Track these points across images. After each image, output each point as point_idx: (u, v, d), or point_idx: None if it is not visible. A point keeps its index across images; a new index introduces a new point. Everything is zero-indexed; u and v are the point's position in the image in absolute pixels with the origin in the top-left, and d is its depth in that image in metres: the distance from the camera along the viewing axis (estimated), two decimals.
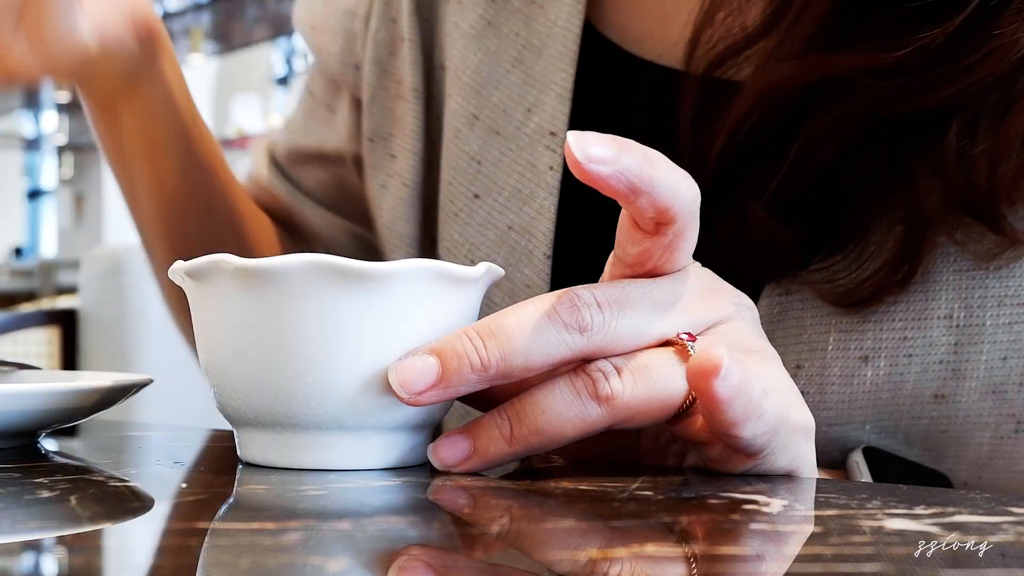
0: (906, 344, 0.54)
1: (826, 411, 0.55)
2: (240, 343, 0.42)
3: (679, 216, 0.41)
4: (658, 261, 0.42)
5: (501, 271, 0.45)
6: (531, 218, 0.63)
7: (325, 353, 0.41)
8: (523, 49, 0.65)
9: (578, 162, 0.39)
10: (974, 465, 0.55)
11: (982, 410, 0.54)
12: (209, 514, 0.37)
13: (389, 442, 0.43)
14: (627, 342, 0.41)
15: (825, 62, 0.53)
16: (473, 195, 0.65)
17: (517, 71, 0.65)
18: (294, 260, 0.41)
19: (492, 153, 0.65)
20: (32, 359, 1.51)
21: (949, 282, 0.54)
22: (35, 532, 0.34)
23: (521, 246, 0.63)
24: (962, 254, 0.54)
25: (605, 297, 0.41)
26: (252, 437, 0.44)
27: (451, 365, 0.40)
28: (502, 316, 0.41)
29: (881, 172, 0.54)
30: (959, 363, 0.54)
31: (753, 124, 0.55)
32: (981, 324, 0.54)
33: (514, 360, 0.40)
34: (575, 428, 0.41)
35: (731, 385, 0.38)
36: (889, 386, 0.54)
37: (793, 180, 0.55)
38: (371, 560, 0.31)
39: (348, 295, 0.41)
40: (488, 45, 0.66)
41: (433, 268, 0.42)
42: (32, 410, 0.47)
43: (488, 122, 0.65)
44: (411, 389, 0.40)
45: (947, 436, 0.55)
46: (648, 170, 0.39)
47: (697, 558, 0.31)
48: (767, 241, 0.55)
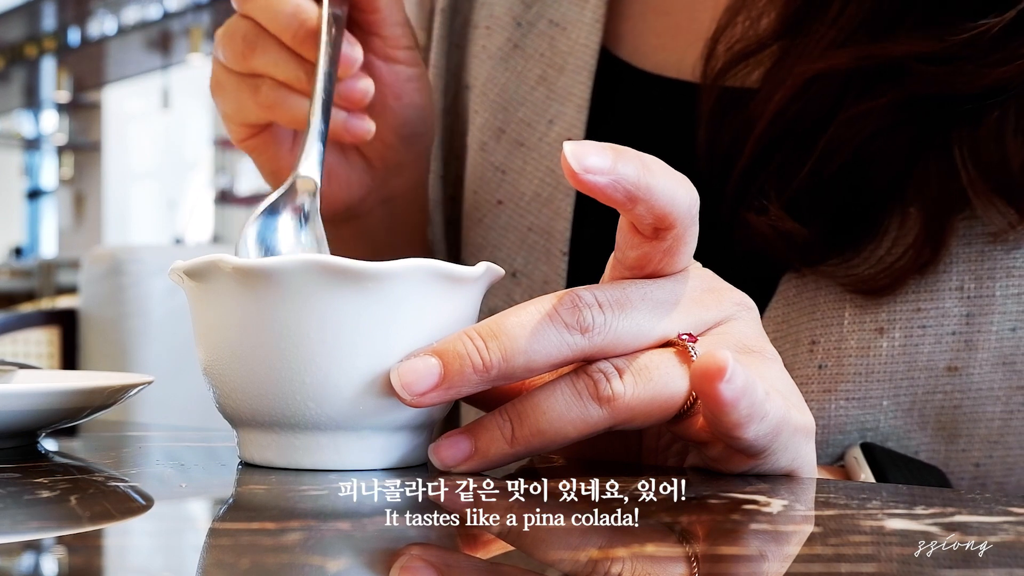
0: (920, 316, 0.56)
1: (844, 383, 0.56)
2: (238, 343, 0.42)
3: (678, 221, 0.41)
4: (658, 264, 0.42)
5: (501, 271, 0.45)
6: (550, 219, 0.66)
7: (323, 353, 0.41)
8: (547, 68, 0.69)
9: (574, 172, 0.39)
10: (985, 442, 0.56)
11: (993, 382, 0.56)
12: (209, 514, 0.37)
13: (389, 442, 0.43)
14: (628, 342, 0.41)
15: (883, 49, 0.55)
16: (497, 201, 0.68)
17: (541, 88, 0.68)
18: (292, 260, 0.41)
19: (516, 163, 0.68)
20: (32, 359, 1.51)
21: (959, 254, 0.56)
22: (35, 532, 0.34)
23: (540, 246, 0.66)
24: (971, 227, 0.55)
25: (606, 298, 0.41)
26: (251, 437, 0.44)
27: (453, 366, 0.40)
28: (503, 317, 0.41)
29: (912, 154, 0.56)
30: (971, 334, 0.55)
31: (792, 114, 0.57)
32: (991, 295, 0.55)
33: (516, 361, 0.40)
34: (576, 429, 0.41)
35: (736, 388, 0.39)
36: (904, 358, 0.56)
37: (818, 174, 0.56)
38: (371, 560, 0.31)
39: (346, 295, 0.41)
40: (514, 65, 0.70)
41: (431, 268, 0.42)
42: (32, 410, 0.47)
43: (513, 135, 0.69)
44: (413, 390, 0.40)
45: (960, 412, 0.56)
46: (645, 178, 0.40)
47: (697, 558, 0.31)
48: (785, 239, 0.57)
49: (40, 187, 9.17)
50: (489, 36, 0.71)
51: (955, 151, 0.55)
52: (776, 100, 0.57)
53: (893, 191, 0.56)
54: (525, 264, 0.66)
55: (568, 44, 0.68)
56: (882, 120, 0.55)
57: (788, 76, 0.57)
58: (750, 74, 0.59)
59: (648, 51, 0.68)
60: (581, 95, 0.66)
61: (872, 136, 0.56)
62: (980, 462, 0.56)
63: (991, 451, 0.56)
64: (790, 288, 0.58)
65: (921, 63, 0.54)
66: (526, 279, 0.66)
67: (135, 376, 0.53)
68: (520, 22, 0.70)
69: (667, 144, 0.51)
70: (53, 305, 1.92)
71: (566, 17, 0.69)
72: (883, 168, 0.56)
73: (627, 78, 0.67)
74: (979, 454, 0.56)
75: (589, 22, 0.68)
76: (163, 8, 6.65)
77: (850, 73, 0.56)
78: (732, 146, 0.59)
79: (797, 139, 0.57)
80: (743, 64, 0.59)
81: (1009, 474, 0.57)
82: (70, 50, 7.59)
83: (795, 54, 0.57)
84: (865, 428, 0.57)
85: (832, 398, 0.57)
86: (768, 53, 0.59)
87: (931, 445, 0.57)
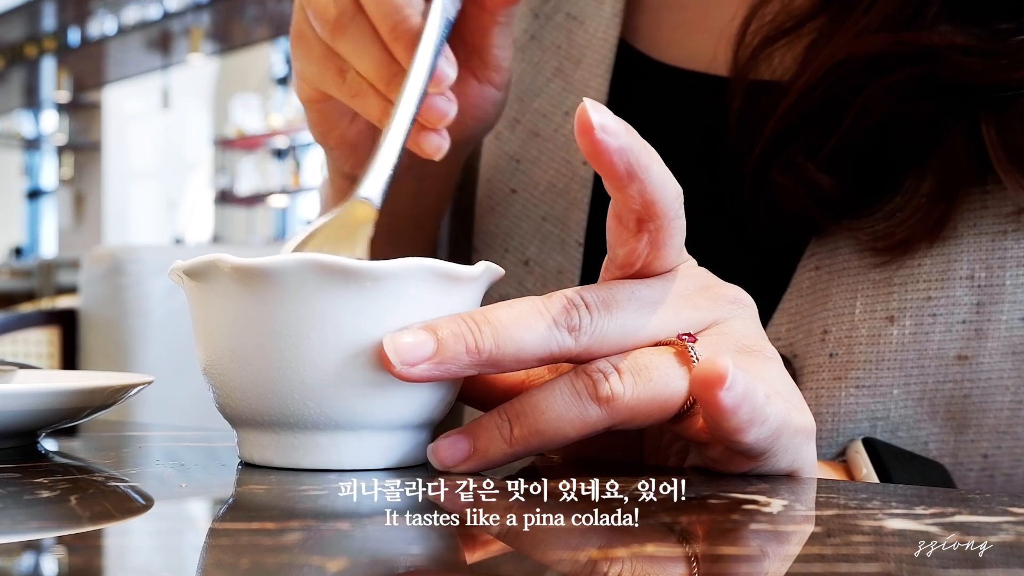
0: (930, 304, 0.56)
1: (854, 371, 0.57)
2: (238, 343, 0.42)
3: (662, 211, 0.41)
4: (646, 260, 0.43)
5: (500, 271, 0.45)
6: (565, 209, 0.66)
7: (322, 352, 0.41)
8: (564, 60, 0.69)
9: (591, 126, 0.39)
10: (994, 433, 0.57)
11: (1003, 371, 0.56)
12: (209, 514, 0.37)
13: (388, 442, 0.43)
14: (615, 342, 0.41)
15: (919, 37, 0.56)
16: (511, 190, 0.69)
17: (557, 80, 0.69)
18: (291, 259, 0.41)
19: (531, 152, 0.68)
20: (32, 359, 1.51)
21: (970, 243, 0.56)
22: (35, 532, 0.34)
23: (555, 235, 0.66)
24: (983, 216, 0.56)
25: (593, 298, 0.42)
26: (251, 437, 0.44)
27: (447, 342, 0.40)
28: (496, 308, 0.41)
29: (938, 125, 0.56)
30: (981, 323, 0.56)
31: (819, 95, 0.58)
32: (1001, 284, 0.56)
33: (507, 348, 0.40)
34: (575, 429, 0.41)
35: (736, 395, 0.39)
36: (915, 346, 0.56)
37: (848, 137, 0.57)
38: (371, 560, 0.31)
39: (345, 294, 0.41)
40: (531, 56, 0.70)
41: (430, 267, 0.42)
42: (32, 410, 0.47)
43: (529, 125, 0.69)
44: (404, 358, 0.40)
45: (969, 401, 0.56)
46: (646, 158, 0.40)
47: (698, 558, 0.31)
48: (812, 192, 0.58)
49: (40, 187, 9.17)
50: None
51: (983, 128, 0.55)
52: (804, 80, 0.58)
53: (916, 158, 0.57)
54: (538, 253, 0.67)
55: (585, 38, 0.69)
56: (910, 91, 0.56)
57: (818, 57, 0.58)
58: (782, 60, 0.60)
59: (664, 45, 0.68)
60: (599, 88, 0.67)
61: (899, 103, 0.56)
62: (988, 453, 0.57)
63: (1000, 442, 0.57)
64: (804, 280, 0.59)
65: (955, 53, 0.55)
66: (539, 268, 0.67)
67: (135, 376, 0.53)
68: (538, 13, 0.71)
69: (684, 136, 0.51)
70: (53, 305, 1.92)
71: (584, 11, 0.69)
72: (908, 136, 0.57)
73: (644, 70, 0.68)
74: (988, 445, 0.57)
75: (607, 16, 0.68)
76: (163, 8, 6.65)
77: (881, 57, 0.57)
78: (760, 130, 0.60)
79: (825, 114, 0.58)
80: (775, 45, 0.60)
81: (1017, 465, 0.57)
82: (70, 50, 7.60)
83: (828, 37, 0.58)
84: (876, 417, 0.57)
85: (842, 386, 0.57)
86: (800, 37, 0.60)
87: (940, 436, 0.57)
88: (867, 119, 0.57)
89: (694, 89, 0.65)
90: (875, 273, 0.57)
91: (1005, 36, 0.55)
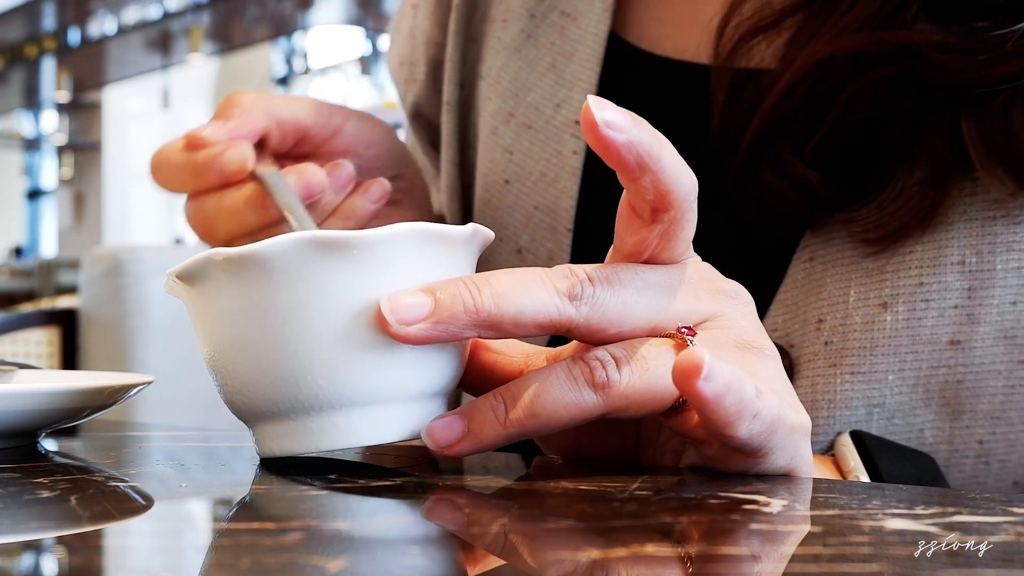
0: (922, 290, 0.57)
1: (849, 357, 0.58)
2: (242, 334, 0.42)
3: (676, 202, 0.41)
4: (655, 250, 0.43)
5: (491, 233, 0.45)
6: (555, 198, 0.68)
7: (325, 328, 0.41)
8: (557, 55, 0.71)
9: (595, 123, 0.39)
10: (989, 418, 0.57)
11: (995, 356, 0.57)
12: (209, 514, 0.37)
13: (404, 412, 0.42)
14: (613, 317, 0.42)
15: (899, 36, 0.57)
16: (504, 181, 0.71)
17: (551, 75, 0.71)
18: (281, 240, 0.40)
19: (523, 144, 0.70)
20: (32, 359, 1.51)
21: (960, 229, 0.57)
22: (35, 532, 0.34)
23: (546, 224, 0.68)
24: (972, 203, 0.57)
25: (596, 273, 0.42)
26: (267, 430, 0.43)
27: (444, 302, 0.40)
28: (498, 272, 0.42)
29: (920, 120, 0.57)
30: (973, 308, 0.57)
31: (802, 93, 0.58)
32: (992, 269, 0.56)
33: (506, 310, 0.40)
34: (570, 413, 0.41)
35: (716, 386, 0.39)
36: (908, 331, 0.57)
37: (833, 133, 0.58)
38: (371, 560, 0.31)
39: (339, 266, 0.40)
40: (527, 54, 0.72)
41: (419, 229, 0.41)
42: (32, 410, 0.47)
43: (522, 118, 0.71)
44: (401, 318, 0.40)
45: (963, 386, 0.57)
46: (658, 148, 0.41)
47: (697, 558, 0.31)
48: (800, 188, 0.59)
49: (40, 187, 9.17)
50: (505, 28, 0.74)
51: (963, 124, 0.56)
52: (787, 78, 0.59)
53: (902, 151, 0.58)
54: (531, 241, 0.69)
55: (578, 33, 0.70)
56: (891, 89, 0.57)
57: (800, 55, 0.59)
58: (762, 53, 0.61)
59: (654, 38, 0.70)
60: (589, 80, 0.69)
61: (880, 101, 0.57)
62: (983, 439, 0.57)
63: (994, 427, 0.57)
64: (799, 271, 0.60)
65: (934, 51, 0.56)
66: (531, 255, 0.69)
67: (135, 376, 0.53)
68: (534, 13, 0.73)
69: (674, 125, 0.52)
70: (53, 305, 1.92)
71: (577, 8, 0.71)
72: (892, 132, 0.58)
73: (634, 61, 0.69)
74: (982, 431, 0.57)
75: (598, 12, 0.70)
76: (163, 8, 6.65)
77: (861, 56, 0.57)
78: (745, 124, 0.60)
79: (809, 112, 0.58)
80: (756, 40, 0.61)
81: (1011, 451, 0.58)
82: (70, 50, 7.60)
83: (809, 33, 0.59)
84: (872, 404, 0.58)
85: (837, 372, 0.58)
86: (780, 32, 0.61)
87: (936, 422, 0.58)
88: (851, 116, 0.58)
89: (684, 78, 0.67)
90: (868, 262, 0.58)
91: (982, 33, 0.56)
